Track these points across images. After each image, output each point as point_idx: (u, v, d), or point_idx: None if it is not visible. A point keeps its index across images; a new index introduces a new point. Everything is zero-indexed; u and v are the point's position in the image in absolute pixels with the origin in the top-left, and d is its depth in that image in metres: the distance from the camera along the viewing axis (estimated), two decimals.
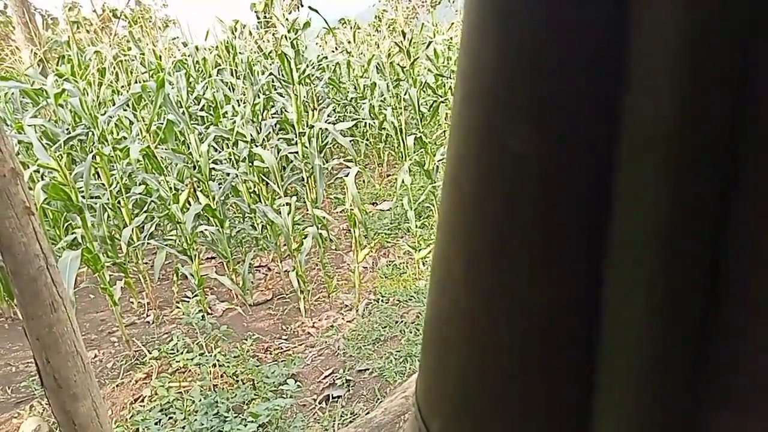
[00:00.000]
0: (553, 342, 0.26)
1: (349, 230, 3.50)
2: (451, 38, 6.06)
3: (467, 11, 0.27)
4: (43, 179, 3.12)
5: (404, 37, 5.44)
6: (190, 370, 2.58)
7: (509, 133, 0.24)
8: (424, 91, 5.41)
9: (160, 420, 2.27)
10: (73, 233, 3.03)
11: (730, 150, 0.21)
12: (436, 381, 0.32)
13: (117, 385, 2.57)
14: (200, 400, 2.30)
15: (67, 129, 4.04)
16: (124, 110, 4.19)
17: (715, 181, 0.22)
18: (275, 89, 5.08)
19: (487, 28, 0.25)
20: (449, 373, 0.31)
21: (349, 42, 6.68)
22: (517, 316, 0.26)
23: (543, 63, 0.23)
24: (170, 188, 3.41)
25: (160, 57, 5.07)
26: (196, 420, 2.21)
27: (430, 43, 5.76)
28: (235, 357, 2.65)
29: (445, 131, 5.02)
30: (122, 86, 4.83)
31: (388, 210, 4.48)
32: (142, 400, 2.44)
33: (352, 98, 5.76)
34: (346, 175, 3.35)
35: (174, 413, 2.29)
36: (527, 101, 0.24)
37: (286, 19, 5.39)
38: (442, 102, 5.26)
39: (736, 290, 0.22)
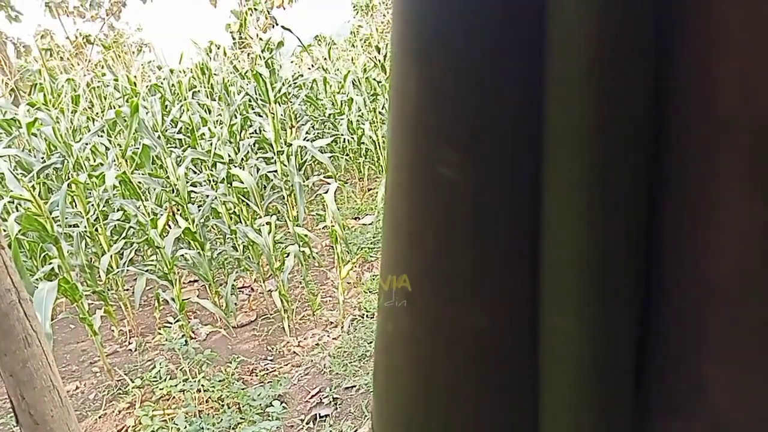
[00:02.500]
0: (495, 364, 0.26)
1: (332, 247, 3.48)
2: None
3: (392, 43, 0.27)
4: (17, 210, 3.08)
5: (379, 52, 5.49)
6: (174, 397, 2.53)
7: (439, 161, 0.24)
8: None
9: None
10: (50, 264, 2.98)
11: (652, 158, 0.22)
12: (387, 406, 0.32)
13: (100, 417, 2.52)
14: (185, 428, 2.26)
15: (42, 158, 3.99)
16: (99, 136, 4.16)
17: (640, 192, 0.22)
18: (252, 109, 5.08)
19: (411, 60, 0.25)
20: (398, 399, 0.31)
21: (325, 59, 6.71)
22: (457, 340, 0.26)
23: (464, 92, 0.23)
24: (149, 213, 3.37)
25: (135, 82, 5.04)
26: None
27: None
28: (219, 381, 2.62)
29: None
30: (97, 113, 4.80)
31: (370, 224, 4.48)
32: (126, 431, 2.39)
33: (329, 114, 5.77)
34: (326, 192, 3.35)
35: None
36: (453, 129, 0.24)
37: (260, 39, 5.41)
38: None
39: (672, 299, 0.23)
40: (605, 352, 0.24)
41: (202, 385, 2.53)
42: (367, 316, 3.19)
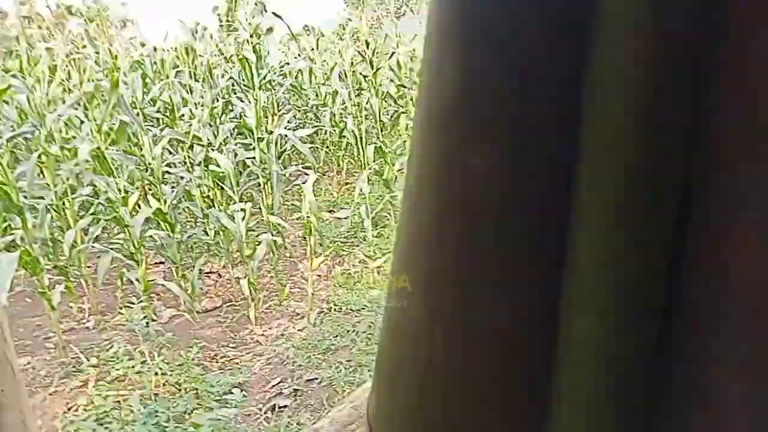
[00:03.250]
0: (513, 362, 0.26)
1: (305, 238, 3.46)
2: (414, 50, 6.10)
3: (428, 36, 0.26)
4: None
5: (368, 47, 5.46)
6: (130, 379, 2.48)
7: (470, 153, 0.24)
8: (385, 101, 5.42)
9: (95, 430, 2.17)
10: (12, 234, 2.89)
11: (687, 164, 0.21)
12: (390, 399, 0.32)
13: (50, 394, 2.46)
14: (139, 410, 2.21)
15: (12, 126, 3.88)
16: (75, 109, 4.05)
17: (673, 197, 0.21)
18: (235, 93, 5.01)
19: (450, 52, 0.25)
20: (405, 392, 0.30)
21: (312, 49, 6.66)
22: (476, 338, 0.26)
23: (505, 83, 0.23)
24: (120, 190, 3.30)
25: (116, 56, 4.93)
26: (133, 430, 2.13)
27: (393, 53, 5.79)
28: (179, 365, 2.57)
29: (405, 141, 5.03)
30: (74, 85, 4.68)
31: (344, 218, 4.46)
32: (77, 410, 2.33)
33: (313, 105, 5.73)
34: (304, 182, 3.32)
35: (110, 423, 2.19)
36: (488, 121, 0.24)
37: (249, 24, 5.34)
38: (403, 112, 5.29)
39: (698, 307, 0.22)
40: (625, 356, 0.23)
41: (160, 368, 2.49)
42: (334, 309, 3.18)
